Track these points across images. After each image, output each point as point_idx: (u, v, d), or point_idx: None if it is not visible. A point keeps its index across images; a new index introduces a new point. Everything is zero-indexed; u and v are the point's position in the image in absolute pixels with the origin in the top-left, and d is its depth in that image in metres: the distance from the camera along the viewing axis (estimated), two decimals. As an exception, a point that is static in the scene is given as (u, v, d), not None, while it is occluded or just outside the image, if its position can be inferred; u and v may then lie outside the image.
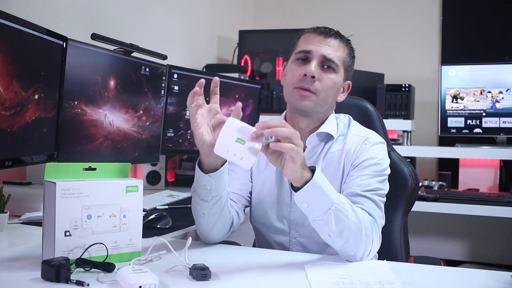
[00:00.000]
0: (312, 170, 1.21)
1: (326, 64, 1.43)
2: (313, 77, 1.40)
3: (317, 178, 1.19)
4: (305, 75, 1.41)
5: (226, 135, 1.13)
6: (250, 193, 1.56)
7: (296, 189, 1.21)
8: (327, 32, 1.46)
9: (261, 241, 1.59)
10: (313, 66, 1.41)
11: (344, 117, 1.56)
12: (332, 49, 1.44)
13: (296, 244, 1.50)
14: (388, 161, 1.47)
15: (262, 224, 1.54)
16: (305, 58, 1.44)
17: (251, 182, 1.56)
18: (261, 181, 1.54)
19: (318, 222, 1.24)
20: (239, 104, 1.24)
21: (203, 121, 1.25)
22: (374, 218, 1.34)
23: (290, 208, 1.49)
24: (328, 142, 1.49)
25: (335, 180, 1.44)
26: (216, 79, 1.31)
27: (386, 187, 1.44)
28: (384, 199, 1.43)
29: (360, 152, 1.44)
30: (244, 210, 1.54)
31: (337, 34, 1.47)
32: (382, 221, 1.39)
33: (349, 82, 1.53)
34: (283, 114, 1.57)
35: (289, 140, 1.14)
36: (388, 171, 1.46)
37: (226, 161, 1.31)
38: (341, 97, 1.52)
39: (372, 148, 1.45)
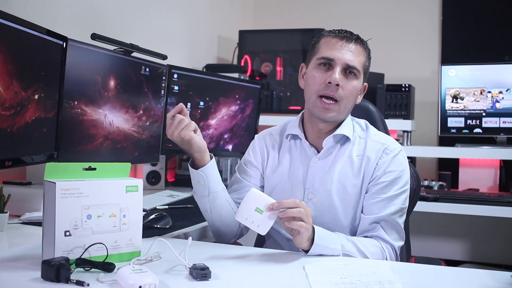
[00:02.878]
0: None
1: (349, 70, 1.46)
2: (337, 85, 1.43)
3: (318, 240, 1.32)
4: (329, 82, 1.44)
5: (247, 204, 1.27)
6: None
7: (306, 251, 1.34)
8: (348, 38, 1.47)
9: (272, 234, 1.60)
10: (337, 73, 1.44)
11: (361, 121, 1.59)
12: (354, 55, 1.46)
13: None
14: (409, 170, 1.53)
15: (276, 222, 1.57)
16: (328, 65, 1.46)
17: (263, 185, 1.61)
18: (274, 181, 1.58)
19: None
20: (180, 105, 1.45)
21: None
22: (390, 243, 1.44)
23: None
24: (345, 144, 1.52)
25: (355, 185, 1.48)
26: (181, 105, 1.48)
27: (407, 202, 1.51)
28: (405, 214, 1.51)
29: (381, 164, 1.47)
30: None
31: (358, 39, 1.49)
32: (400, 242, 1.48)
33: (365, 84, 1.56)
34: (300, 114, 1.59)
35: (300, 219, 1.28)
36: (409, 181, 1.52)
37: (213, 157, 1.48)
38: (359, 99, 1.55)
39: (393, 160, 1.48)
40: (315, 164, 1.52)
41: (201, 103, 2.50)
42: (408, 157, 2.88)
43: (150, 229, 1.58)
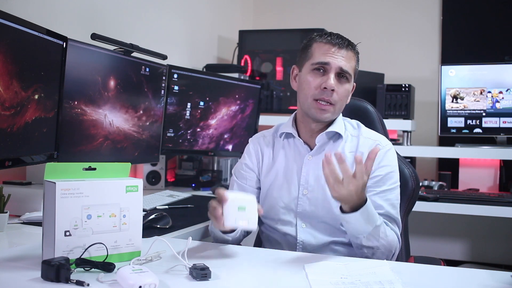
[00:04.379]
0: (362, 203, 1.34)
1: (342, 75, 1.51)
2: (332, 90, 1.49)
3: (364, 209, 1.33)
4: (325, 88, 1.49)
5: (229, 208, 1.29)
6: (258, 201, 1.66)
7: (343, 212, 1.35)
8: (340, 44, 1.52)
9: (267, 232, 1.64)
10: (332, 79, 1.49)
11: (352, 121, 1.64)
12: (346, 60, 1.52)
13: (303, 232, 1.55)
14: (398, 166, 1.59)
15: (269, 217, 1.61)
16: (323, 70, 1.51)
17: (259, 187, 1.65)
18: (271, 178, 1.61)
19: (354, 238, 1.42)
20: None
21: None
22: (398, 237, 1.49)
23: (297, 201, 1.56)
24: (337, 141, 1.57)
25: None
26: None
27: (399, 198, 1.56)
28: (398, 209, 1.56)
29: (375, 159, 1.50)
30: None
31: (349, 45, 1.54)
32: (400, 237, 1.52)
33: (354, 84, 1.61)
34: (293, 114, 1.64)
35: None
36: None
37: None
38: (348, 99, 1.60)
39: (386, 155, 1.54)
40: (308, 161, 1.57)
41: (201, 103, 2.51)
42: (408, 157, 2.93)
43: (150, 229, 1.58)
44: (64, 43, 1.70)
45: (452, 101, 3.04)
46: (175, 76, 2.38)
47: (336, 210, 1.50)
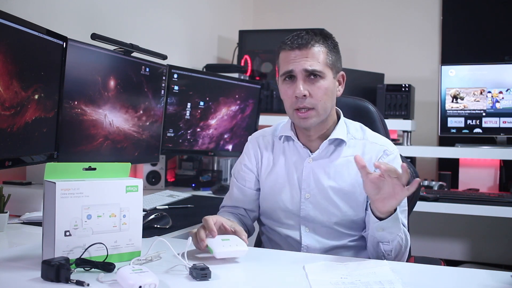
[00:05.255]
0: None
1: (311, 75, 1.45)
2: (304, 95, 1.45)
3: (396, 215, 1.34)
4: (296, 96, 1.45)
5: (214, 244, 1.26)
6: (258, 201, 1.65)
7: (380, 219, 1.35)
8: (300, 44, 1.46)
9: (268, 234, 1.63)
10: (300, 86, 1.45)
11: (355, 123, 1.60)
12: (311, 59, 1.45)
13: (306, 236, 1.54)
14: None
15: (272, 220, 1.60)
16: (291, 77, 1.47)
17: (259, 188, 1.63)
18: (271, 182, 1.59)
19: (382, 243, 1.41)
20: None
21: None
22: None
23: (300, 205, 1.54)
24: (339, 146, 1.54)
25: (352, 185, 1.51)
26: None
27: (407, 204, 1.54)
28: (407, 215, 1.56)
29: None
30: (254, 221, 1.67)
31: (309, 41, 1.46)
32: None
33: (341, 73, 1.54)
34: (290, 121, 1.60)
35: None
36: None
37: None
38: (340, 91, 1.55)
39: (394, 162, 1.50)
40: (308, 164, 1.54)
41: (201, 103, 2.51)
42: (408, 157, 2.93)
43: (150, 229, 1.58)
44: (64, 43, 1.70)
45: (452, 101, 3.04)
46: (175, 76, 2.38)
47: (340, 214, 1.50)
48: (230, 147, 2.66)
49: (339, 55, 1.53)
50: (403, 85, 3.03)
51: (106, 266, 1.11)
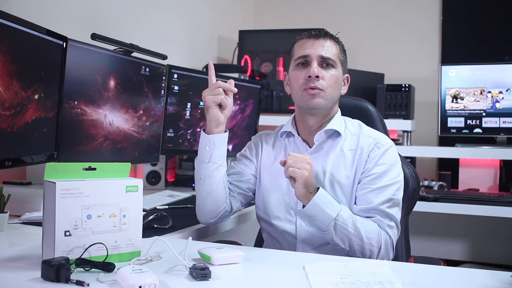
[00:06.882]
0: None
1: (325, 62, 1.54)
2: (317, 76, 1.51)
3: (317, 199, 1.42)
4: (309, 76, 1.52)
5: (211, 252, 1.25)
6: (251, 191, 1.66)
7: (303, 206, 1.45)
8: (317, 35, 1.57)
9: (267, 231, 1.64)
10: (314, 67, 1.52)
11: (354, 120, 1.65)
12: (327, 48, 1.55)
13: (302, 231, 1.55)
14: (400, 164, 1.57)
15: (269, 215, 1.60)
16: (305, 62, 1.55)
17: (255, 179, 1.65)
18: (271, 176, 1.62)
19: (325, 233, 1.46)
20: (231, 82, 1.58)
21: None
22: (384, 230, 1.48)
23: (297, 200, 1.55)
24: (336, 139, 1.58)
25: (348, 177, 1.54)
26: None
27: (401, 194, 1.54)
28: (400, 204, 1.54)
29: (373, 157, 1.53)
30: (242, 205, 1.66)
31: (327, 34, 1.58)
32: (394, 231, 1.51)
33: (347, 75, 1.63)
34: (292, 116, 1.65)
35: (291, 165, 1.41)
36: (402, 175, 1.56)
37: (227, 132, 1.55)
38: (344, 90, 1.63)
39: (384, 154, 1.53)
40: None
41: (201, 103, 2.50)
42: (408, 157, 2.93)
43: (150, 229, 1.58)
44: (64, 43, 1.70)
45: (452, 101, 3.04)
46: (175, 76, 2.38)
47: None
48: (230, 147, 2.66)
49: (347, 59, 1.63)
50: (403, 85, 3.04)
51: (106, 266, 1.11)
